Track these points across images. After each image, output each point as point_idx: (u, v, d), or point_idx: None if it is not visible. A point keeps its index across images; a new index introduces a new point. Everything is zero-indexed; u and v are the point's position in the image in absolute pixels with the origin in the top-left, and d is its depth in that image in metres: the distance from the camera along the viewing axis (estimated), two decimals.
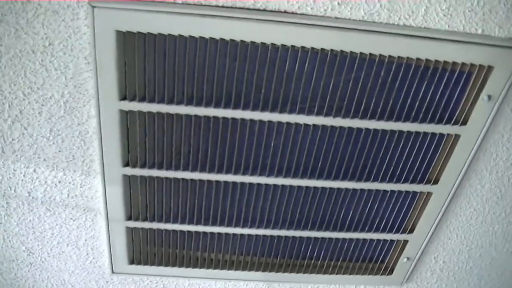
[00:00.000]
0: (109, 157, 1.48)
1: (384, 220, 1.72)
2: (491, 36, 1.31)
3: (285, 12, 1.25)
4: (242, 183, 1.58)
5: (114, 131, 1.43)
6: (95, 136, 1.47)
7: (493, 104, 1.42)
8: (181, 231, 1.71)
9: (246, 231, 1.72)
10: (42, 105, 1.39)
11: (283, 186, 1.59)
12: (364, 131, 1.46)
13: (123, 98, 1.37)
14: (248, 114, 1.40)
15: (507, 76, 1.36)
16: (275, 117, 1.41)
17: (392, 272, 1.92)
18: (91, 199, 1.62)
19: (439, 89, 1.40)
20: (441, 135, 1.49)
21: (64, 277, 1.89)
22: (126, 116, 1.41)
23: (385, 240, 1.80)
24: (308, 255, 1.84)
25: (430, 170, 1.59)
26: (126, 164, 1.51)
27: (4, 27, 1.24)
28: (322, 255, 1.84)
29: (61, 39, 1.28)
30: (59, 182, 1.57)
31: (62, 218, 1.67)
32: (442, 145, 1.52)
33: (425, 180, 1.61)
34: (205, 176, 1.54)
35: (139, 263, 1.82)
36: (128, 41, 1.28)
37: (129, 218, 1.65)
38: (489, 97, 1.40)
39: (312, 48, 1.29)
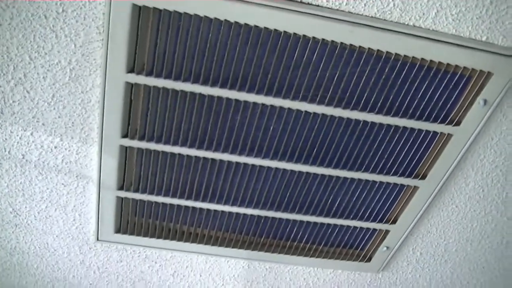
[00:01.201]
0: (109, 127, 1.49)
1: (370, 210, 1.78)
2: (495, 44, 1.36)
3: (301, 2, 1.28)
4: (237, 163, 1.61)
5: (117, 102, 1.44)
6: (97, 105, 1.47)
7: (488, 109, 1.48)
8: (170, 204, 1.74)
9: (235, 209, 1.75)
10: (48, 70, 1.39)
11: (276, 168, 1.63)
12: (362, 122, 1.50)
13: (131, 70, 1.38)
14: (252, 97, 1.43)
15: (504, 83, 1.42)
16: (278, 102, 1.44)
17: (371, 259, 1.98)
18: (85, 166, 1.63)
19: (438, 90, 1.44)
20: (435, 133, 1.54)
21: (48, 240, 1.91)
22: (131, 89, 1.42)
23: (367, 229, 1.86)
24: (291, 237, 1.89)
25: (419, 165, 1.64)
26: (125, 135, 1.52)
27: None
28: (305, 238, 1.89)
29: (75, 7, 1.28)
30: (55, 147, 1.57)
31: (53, 182, 1.68)
32: (434, 143, 1.58)
33: (414, 174, 1.66)
34: (201, 153, 1.57)
35: (124, 232, 1.84)
36: (143, 15, 1.28)
37: (120, 188, 1.67)
38: (485, 101, 1.46)
39: (323, 39, 1.32)
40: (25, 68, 1.39)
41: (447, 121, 1.51)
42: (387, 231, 1.87)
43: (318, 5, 1.28)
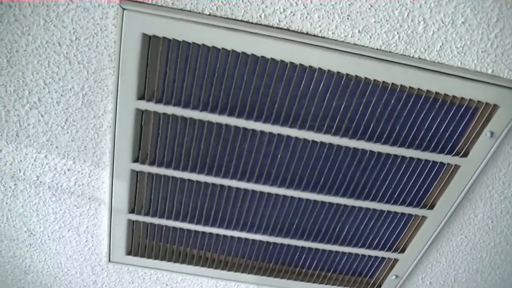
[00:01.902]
0: (120, 151, 1.53)
1: (378, 238, 1.78)
2: (500, 77, 1.37)
3: (307, 33, 1.30)
4: (245, 190, 1.63)
5: (128, 128, 1.47)
6: (109, 130, 1.51)
7: (495, 141, 1.48)
8: (180, 228, 1.76)
9: (244, 235, 1.77)
10: (61, 95, 1.44)
11: (284, 196, 1.64)
12: (368, 152, 1.51)
13: (141, 97, 1.41)
14: (259, 126, 1.45)
15: (510, 116, 1.42)
16: (285, 131, 1.46)
17: (380, 287, 1.98)
18: (97, 189, 1.67)
19: (445, 121, 1.45)
20: (442, 164, 1.55)
21: (61, 260, 1.94)
22: (141, 115, 1.46)
23: (376, 257, 1.85)
24: (300, 263, 1.89)
25: (427, 195, 1.64)
26: (136, 160, 1.55)
27: (34, 17, 1.28)
28: (314, 265, 1.89)
29: (88, 35, 1.32)
30: (68, 170, 1.61)
31: (66, 204, 1.71)
32: (441, 173, 1.58)
33: (422, 204, 1.66)
34: (210, 179, 1.59)
35: (136, 254, 1.86)
36: (153, 45, 1.32)
37: (132, 211, 1.70)
38: (492, 133, 1.46)
39: (329, 70, 1.34)
40: (39, 92, 1.43)
41: (454, 152, 1.51)
42: (395, 260, 1.86)
43: (324, 37, 1.31)
